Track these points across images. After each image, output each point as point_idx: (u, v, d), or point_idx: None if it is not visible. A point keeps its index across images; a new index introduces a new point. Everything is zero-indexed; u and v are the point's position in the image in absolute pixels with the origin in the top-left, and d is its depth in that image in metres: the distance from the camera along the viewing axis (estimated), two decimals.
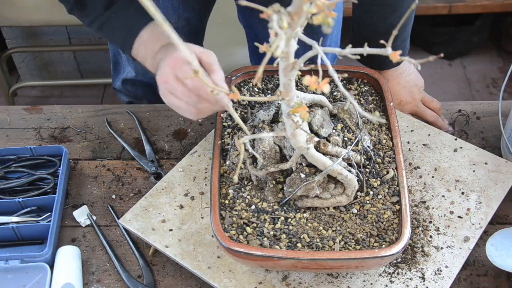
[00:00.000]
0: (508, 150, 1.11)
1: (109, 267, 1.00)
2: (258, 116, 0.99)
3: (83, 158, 1.18)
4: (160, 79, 0.90)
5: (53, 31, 2.30)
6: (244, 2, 0.56)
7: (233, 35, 1.95)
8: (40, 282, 0.97)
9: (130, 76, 1.46)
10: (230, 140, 1.01)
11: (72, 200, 1.10)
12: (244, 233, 0.88)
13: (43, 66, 2.46)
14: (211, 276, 0.92)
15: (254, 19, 1.38)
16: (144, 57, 1.00)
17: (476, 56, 2.65)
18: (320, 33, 0.61)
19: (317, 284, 0.91)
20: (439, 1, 2.34)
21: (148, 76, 1.41)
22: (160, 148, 1.19)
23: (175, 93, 0.88)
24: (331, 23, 0.55)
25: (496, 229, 0.99)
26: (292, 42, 0.65)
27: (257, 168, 0.93)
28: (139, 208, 1.01)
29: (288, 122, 0.80)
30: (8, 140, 1.22)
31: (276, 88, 1.11)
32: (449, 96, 2.45)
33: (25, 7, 1.93)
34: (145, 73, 1.42)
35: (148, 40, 0.99)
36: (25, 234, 1.03)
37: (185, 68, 0.86)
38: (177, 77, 0.86)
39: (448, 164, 1.08)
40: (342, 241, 0.87)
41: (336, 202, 0.91)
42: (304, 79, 0.61)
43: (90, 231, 1.05)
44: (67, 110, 1.28)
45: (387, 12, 1.13)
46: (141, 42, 1.00)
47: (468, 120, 1.22)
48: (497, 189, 1.04)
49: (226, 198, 0.94)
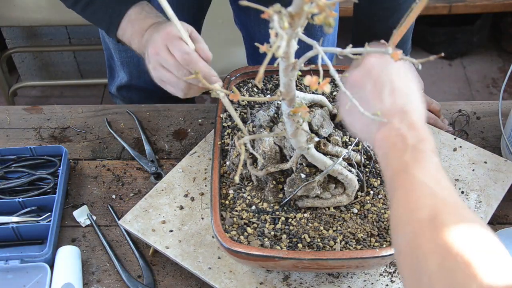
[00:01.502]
0: (508, 150, 1.11)
1: (109, 267, 1.00)
2: (258, 116, 0.99)
3: (83, 158, 1.18)
4: (151, 51, 0.90)
5: (53, 31, 2.30)
6: (244, 2, 0.56)
7: (231, 36, 1.95)
8: (40, 282, 0.97)
9: (124, 81, 1.46)
10: (230, 140, 1.01)
11: (72, 200, 1.10)
12: (245, 233, 0.88)
13: (43, 66, 2.45)
14: (212, 277, 0.92)
15: (251, 22, 1.38)
16: (131, 36, 1.00)
17: (476, 56, 2.65)
18: (318, 34, 0.62)
19: (318, 284, 0.91)
20: (439, 1, 2.34)
21: (142, 80, 1.41)
22: (160, 148, 1.19)
23: (165, 65, 0.89)
24: (333, 23, 0.55)
25: (496, 229, 0.99)
26: (293, 42, 0.65)
27: (257, 169, 0.93)
28: (139, 209, 1.01)
29: (289, 122, 0.80)
30: (8, 140, 1.22)
31: (276, 88, 1.11)
32: (449, 96, 2.45)
33: (25, 7, 1.93)
34: (139, 76, 1.42)
35: (136, 18, 0.99)
36: (25, 234, 1.03)
37: (177, 42, 0.87)
38: (169, 49, 0.87)
39: (448, 164, 1.08)
40: (343, 241, 0.87)
41: (336, 202, 0.91)
42: (305, 79, 0.61)
43: (90, 231, 1.05)
44: (67, 110, 1.28)
45: (387, 15, 1.13)
46: (128, 21, 1.00)
47: (468, 120, 1.22)
48: (496, 188, 1.04)
49: (226, 198, 0.94)
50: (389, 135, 0.67)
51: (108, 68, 1.51)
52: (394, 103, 0.68)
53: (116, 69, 1.47)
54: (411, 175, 0.63)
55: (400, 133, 0.66)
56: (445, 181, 0.63)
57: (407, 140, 0.65)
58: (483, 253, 0.53)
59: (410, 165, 0.63)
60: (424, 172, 0.62)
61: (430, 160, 0.64)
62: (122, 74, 1.46)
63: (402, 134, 0.66)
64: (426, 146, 0.65)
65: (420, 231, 0.57)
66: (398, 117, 0.68)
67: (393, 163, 0.66)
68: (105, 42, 1.43)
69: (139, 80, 1.43)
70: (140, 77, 1.41)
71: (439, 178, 0.63)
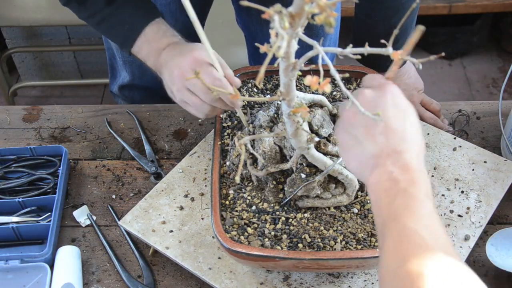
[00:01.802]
0: (508, 150, 1.11)
1: (109, 267, 1.00)
2: (258, 116, 0.99)
3: (83, 158, 1.18)
4: (177, 74, 0.92)
5: (53, 31, 2.30)
6: (245, 2, 0.56)
7: (232, 35, 1.96)
8: (40, 282, 0.97)
9: (126, 81, 1.46)
10: (230, 140, 1.01)
11: (72, 200, 1.10)
12: (245, 233, 0.88)
13: (43, 66, 2.45)
14: (212, 277, 0.92)
15: (252, 22, 1.38)
16: (147, 54, 1.01)
17: (476, 56, 2.65)
18: (320, 34, 0.62)
19: (318, 284, 0.91)
20: (439, 1, 2.34)
21: (144, 79, 1.41)
22: (160, 148, 1.19)
23: (193, 89, 0.91)
24: (333, 23, 0.55)
25: (496, 229, 0.99)
26: (293, 42, 0.65)
27: (257, 169, 0.93)
28: (139, 210, 1.01)
29: (289, 122, 0.80)
30: (8, 140, 1.22)
31: (275, 88, 1.11)
32: (449, 96, 2.45)
33: (25, 7, 1.93)
34: (141, 76, 1.42)
35: (153, 37, 1.00)
36: (25, 234, 1.03)
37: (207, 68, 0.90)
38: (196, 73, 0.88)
39: (448, 163, 1.08)
40: (343, 241, 0.87)
41: (337, 202, 0.91)
42: (306, 79, 0.61)
43: (90, 231, 1.05)
44: (67, 110, 1.28)
45: (389, 14, 1.13)
46: (145, 39, 1.01)
47: (468, 120, 1.22)
48: (496, 188, 1.04)
49: (226, 198, 0.94)
50: (381, 180, 0.64)
51: (110, 67, 1.51)
52: (387, 143, 0.65)
53: (118, 69, 1.47)
54: (401, 224, 0.60)
55: (393, 177, 0.63)
56: (437, 229, 0.60)
57: (399, 184, 0.63)
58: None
59: (401, 212, 0.61)
60: (415, 220, 0.60)
61: (423, 206, 0.61)
62: (124, 74, 1.46)
63: (395, 178, 0.63)
64: (420, 190, 0.62)
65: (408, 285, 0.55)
66: (391, 158, 0.65)
67: (383, 208, 0.63)
68: (108, 41, 1.42)
69: (141, 80, 1.43)
70: (142, 76, 1.41)
71: (430, 224, 0.60)
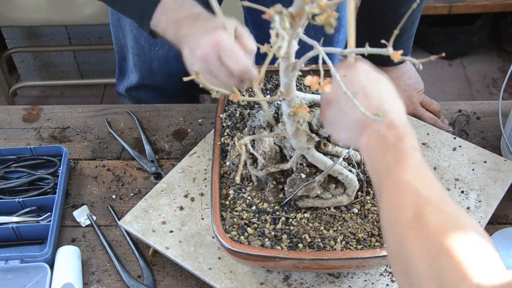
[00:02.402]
0: (508, 150, 1.11)
1: (109, 267, 1.00)
2: (258, 116, 0.99)
3: (83, 158, 1.18)
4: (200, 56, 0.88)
5: (53, 31, 2.29)
6: (246, 2, 0.56)
7: None
8: (40, 282, 0.97)
9: (134, 83, 1.46)
10: (230, 140, 1.01)
11: (72, 200, 1.10)
12: (245, 233, 0.88)
13: (43, 66, 2.45)
14: (212, 277, 0.92)
15: (267, 21, 1.37)
16: (166, 27, 0.97)
17: (476, 56, 2.65)
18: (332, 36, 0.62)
19: (318, 284, 0.91)
20: (439, 1, 2.34)
21: (154, 79, 1.40)
22: (160, 148, 1.19)
23: (216, 73, 0.88)
24: (334, 23, 0.55)
25: (496, 229, 0.99)
26: (293, 42, 0.65)
27: (257, 169, 0.93)
28: (139, 210, 1.01)
29: (289, 122, 0.80)
30: (8, 140, 1.22)
31: (275, 89, 1.10)
32: (449, 96, 2.45)
33: (25, 7, 1.93)
34: (150, 77, 1.41)
35: (172, 8, 0.96)
36: (25, 234, 1.03)
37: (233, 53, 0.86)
38: (220, 57, 0.86)
39: (448, 163, 1.08)
40: (343, 241, 0.87)
41: (337, 202, 0.91)
42: (306, 79, 0.61)
43: (90, 231, 1.05)
44: (67, 110, 1.28)
45: (399, 3, 1.12)
46: (162, 10, 0.96)
47: (468, 120, 1.22)
48: (496, 187, 1.04)
49: (226, 199, 0.94)
50: (370, 139, 0.68)
51: (119, 69, 1.50)
52: (369, 106, 0.68)
53: (128, 71, 1.47)
54: (394, 176, 0.63)
55: (380, 135, 0.67)
56: (428, 177, 0.63)
57: (387, 141, 0.66)
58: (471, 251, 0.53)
59: (392, 166, 0.64)
60: (406, 171, 0.63)
61: (412, 157, 0.64)
62: (133, 76, 1.45)
63: (382, 135, 0.67)
64: (407, 143, 0.66)
65: (407, 232, 0.58)
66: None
67: (376, 166, 0.67)
68: (119, 44, 1.42)
69: (150, 80, 1.43)
70: (151, 76, 1.41)
71: (422, 174, 0.63)
